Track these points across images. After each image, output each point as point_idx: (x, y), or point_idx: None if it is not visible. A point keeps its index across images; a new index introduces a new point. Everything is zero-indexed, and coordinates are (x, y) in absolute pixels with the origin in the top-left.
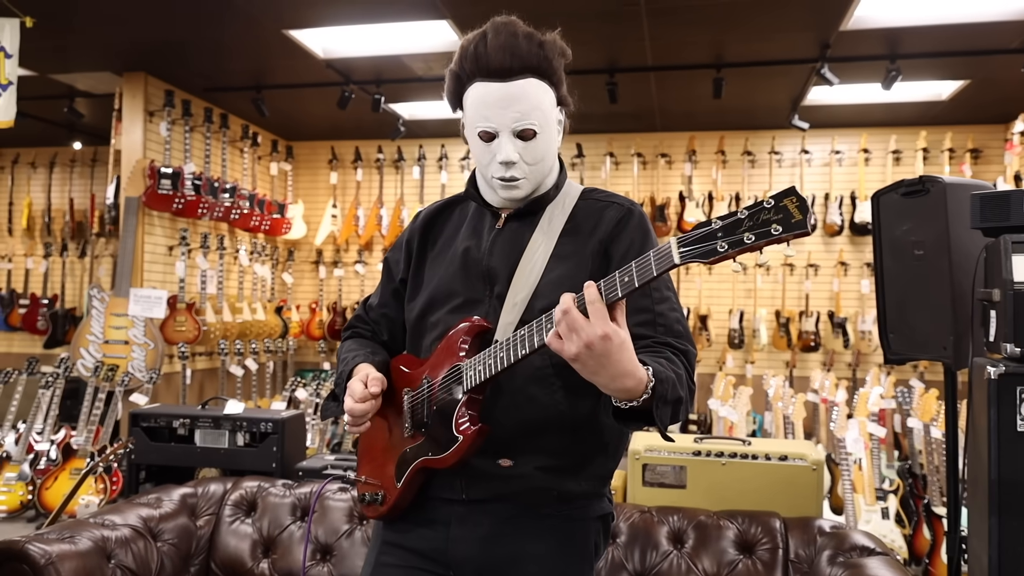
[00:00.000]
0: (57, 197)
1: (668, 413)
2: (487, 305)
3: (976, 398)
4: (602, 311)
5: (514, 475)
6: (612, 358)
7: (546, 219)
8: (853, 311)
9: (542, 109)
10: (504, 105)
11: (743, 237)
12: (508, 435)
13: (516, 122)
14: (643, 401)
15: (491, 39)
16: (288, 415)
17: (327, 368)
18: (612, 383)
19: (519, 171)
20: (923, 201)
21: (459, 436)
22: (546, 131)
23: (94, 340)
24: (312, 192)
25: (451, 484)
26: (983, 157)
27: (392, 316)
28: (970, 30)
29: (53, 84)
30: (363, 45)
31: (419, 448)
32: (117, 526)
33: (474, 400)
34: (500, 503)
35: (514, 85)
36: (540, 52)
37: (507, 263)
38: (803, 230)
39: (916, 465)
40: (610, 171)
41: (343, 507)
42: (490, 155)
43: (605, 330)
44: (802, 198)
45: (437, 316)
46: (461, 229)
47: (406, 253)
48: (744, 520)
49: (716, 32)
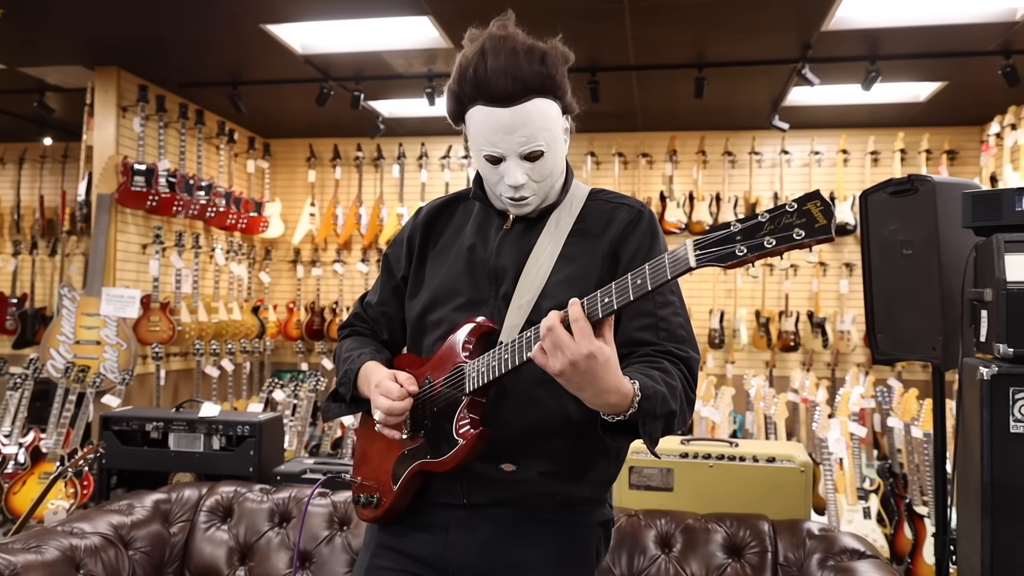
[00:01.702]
0: (27, 194)
1: (658, 427)
2: (492, 305)
3: (967, 399)
4: (586, 329)
5: (516, 480)
6: (597, 375)
7: (553, 220)
8: (832, 311)
9: (548, 128)
10: (510, 131)
11: (763, 241)
12: (512, 439)
13: (523, 146)
14: (630, 415)
15: (491, 62)
16: (266, 417)
17: (304, 369)
18: (596, 399)
19: (528, 191)
20: (912, 200)
21: (459, 439)
22: (553, 147)
23: (65, 340)
24: (290, 190)
25: (451, 488)
26: (959, 158)
27: (392, 314)
28: (949, 32)
29: (22, 78)
30: (342, 41)
31: (418, 450)
32: (86, 534)
33: (476, 403)
34: (501, 508)
35: (519, 110)
36: (543, 70)
37: (514, 264)
38: (827, 235)
39: (896, 464)
40: (591, 171)
41: (323, 512)
42: (498, 176)
43: (590, 349)
44: (827, 201)
45: (440, 315)
46: (466, 227)
47: (407, 250)
48: (732, 523)
49: (698, 31)
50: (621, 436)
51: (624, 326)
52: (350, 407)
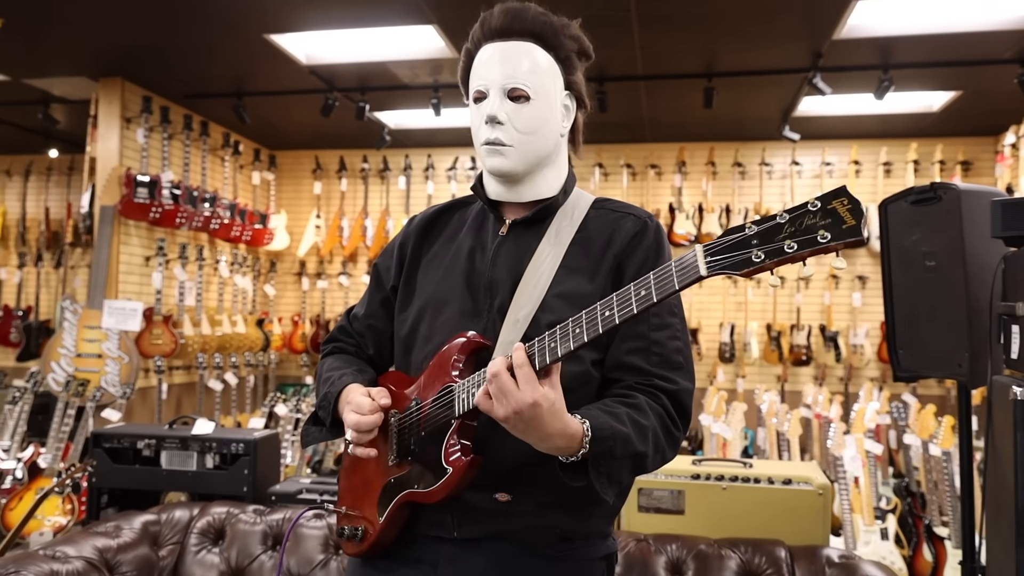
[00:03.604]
0: (32, 206)
1: (618, 468)
2: (486, 319)
3: (998, 420)
4: (530, 375)
5: (512, 511)
6: (542, 421)
7: (554, 228)
8: (845, 324)
9: (537, 74)
10: (497, 61)
11: (783, 245)
12: (507, 467)
13: (507, 79)
14: (581, 456)
15: (500, 6)
16: (261, 436)
17: (309, 382)
18: (542, 443)
19: (505, 134)
20: (935, 209)
21: (448, 468)
22: (541, 99)
23: (66, 354)
24: (295, 202)
25: (440, 520)
26: (974, 169)
27: (379, 328)
28: (963, 40)
29: (27, 89)
30: (347, 51)
31: (404, 479)
32: (69, 558)
33: (467, 427)
34: (495, 542)
35: (511, 44)
36: (546, 21)
37: (511, 274)
38: (857, 237)
39: (913, 483)
40: (599, 182)
41: (318, 535)
42: (480, 117)
43: (535, 397)
44: (855, 199)
45: (430, 328)
46: (460, 234)
47: (398, 258)
48: (747, 549)
49: (707, 40)
50: (580, 477)
51: (614, 347)
52: (331, 431)
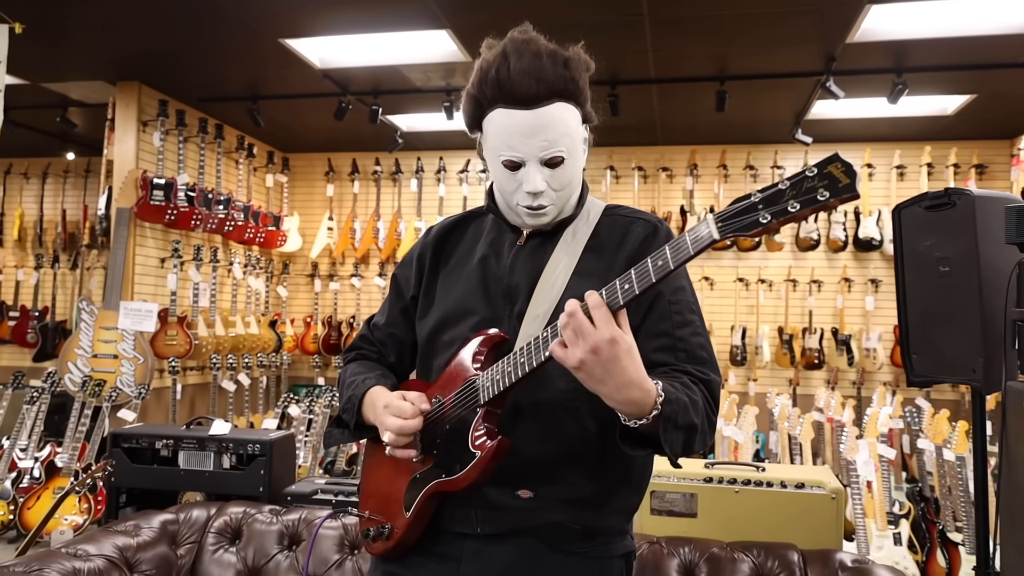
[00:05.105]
0: (50, 208)
1: (679, 440)
2: (506, 324)
3: (1013, 426)
4: (607, 315)
5: (534, 508)
6: (620, 364)
7: (568, 235)
8: (857, 328)
9: (569, 134)
10: (531, 134)
11: (787, 206)
12: (529, 464)
13: (544, 151)
14: (652, 419)
15: (514, 63)
16: (276, 436)
17: (321, 383)
18: (618, 393)
19: (546, 199)
20: (949, 214)
21: (476, 451)
22: (573, 155)
23: (82, 354)
24: (308, 204)
25: (464, 516)
26: (988, 173)
27: (400, 336)
28: (978, 43)
29: (46, 93)
30: (361, 55)
31: (430, 472)
32: (90, 556)
33: (492, 413)
34: (517, 538)
35: (541, 112)
36: (566, 73)
37: (528, 280)
38: (852, 193)
39: (927, 488)
40: (611, 185)
41: (333, 536)
42: (516, 183)
43: (612, 333)
44: (847, 163)
45: (452, 335)
46: (478, 244)
47: (417, 269)
48: (760, 552)
49: (719, 44)
50: (640, 447)
51: (641, 347)
52: (354, 434)
